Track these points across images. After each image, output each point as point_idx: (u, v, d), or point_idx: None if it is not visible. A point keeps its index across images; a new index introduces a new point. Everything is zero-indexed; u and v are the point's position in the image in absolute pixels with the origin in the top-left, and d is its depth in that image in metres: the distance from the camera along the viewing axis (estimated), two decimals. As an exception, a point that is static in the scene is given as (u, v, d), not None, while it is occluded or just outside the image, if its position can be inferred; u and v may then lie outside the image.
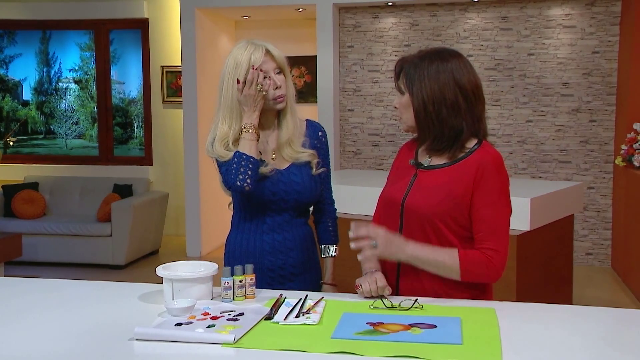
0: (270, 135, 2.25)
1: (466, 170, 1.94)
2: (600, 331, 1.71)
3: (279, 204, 2.19)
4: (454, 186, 1.94)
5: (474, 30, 6.28)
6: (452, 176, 1.96)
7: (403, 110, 2.00)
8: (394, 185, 2.09)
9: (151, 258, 6.59)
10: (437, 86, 1.93)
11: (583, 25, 6.04)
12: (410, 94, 1.96)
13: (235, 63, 2.14)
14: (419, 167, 2.05)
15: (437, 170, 2.00)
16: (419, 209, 1.97)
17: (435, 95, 1.93)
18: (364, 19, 6.52)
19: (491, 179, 1.92)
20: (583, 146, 6.11)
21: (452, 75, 1.93)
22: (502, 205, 1.94)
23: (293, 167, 2.23)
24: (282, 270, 2.19)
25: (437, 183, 1.97)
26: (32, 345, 1.62)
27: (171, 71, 7.32)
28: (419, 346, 1.54)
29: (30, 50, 7.72)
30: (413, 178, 2.04)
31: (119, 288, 2.11)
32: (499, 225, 1.93)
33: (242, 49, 2.15)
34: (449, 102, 1.93)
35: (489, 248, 1.90)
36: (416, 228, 1.98)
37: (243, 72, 2.11)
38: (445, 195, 1.94)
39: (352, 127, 6.61)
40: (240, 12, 6.77)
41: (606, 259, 6.13)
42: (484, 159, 1.93)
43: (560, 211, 3.96)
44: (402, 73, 2.01)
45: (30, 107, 7.79)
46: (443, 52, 1.98)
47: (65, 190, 6.90)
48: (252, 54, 2.13)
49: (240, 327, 1.67)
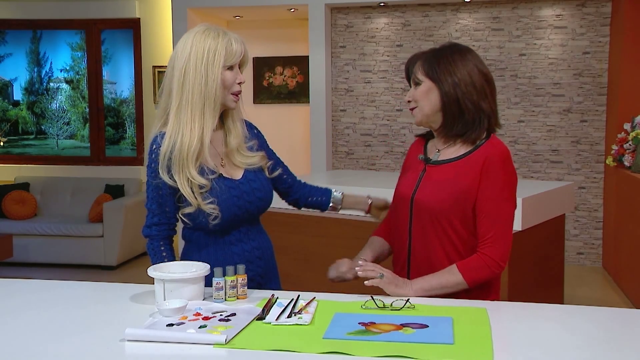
0: (216, 139, 2.07)
1: (473, 164, 1.96)
2: (592, 330, 1.72)
3: (243, 216, 2.07)
4: (461, 180, 1.96)
5: (466, 30, 6.29)
6: (460, 170, 1.98)
7: (422, 98, 2.01)
8: (404, 181, 2.11)
9: (143, 259, 6.58)
10: (465, 71, 1.97)
11: (574, 26, 6.07)
12: (434, 80, 1.98)
13: (206, 50, 1.93)
14: (427, 162, 2.07)
15: (446, 164, 2.02)
16: (427, 204, 1.99)
17: (465, 79, 1.96)
18: (356, 19, 6.53)
19: (495, 173, 1.94)
20: (574, 146, 6.14)
21: (475, 63, 1.98)
22: (504, 200, 1.96)
23: (248, 174, 2.09)
24: (251, 281, 2.06)
25: (445, 177, 1.99)
26: (22, 346, 1.61)
27: (163, 71, 7.27)
28: (410, 346, 1.54)
29: (20, 50, 7.68)
30: (422, 173, 2.06)
31: (111, 289, 2.10)
32: (500, 219, 1.95)
33: (208, 36, 1.95)
34: (478, 87, 1.97)
35: (488, 244, 1.94)
36: (426, 223, 2.00)
37: (221, 60, 1.94)
38: (454, 190, 1.96)
39: (345, 127, 6.61)
40: (232, 12, 6.76)
41: (597, 259, 6.15)
42: (491, 153, 1.96)
43: (551, 211, 3.98)
44: (419, 65, 2.02)
45: (21, 107, 7.75)
46: (459, 45, 2.04)
47: (57, 190, 6.87)
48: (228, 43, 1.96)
49: (232, 328, 1.66)
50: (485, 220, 1.95)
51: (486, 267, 1.94)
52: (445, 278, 1.94)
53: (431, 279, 1.95)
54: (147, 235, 2.10)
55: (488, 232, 1.94)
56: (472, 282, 1.94)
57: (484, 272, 1.94)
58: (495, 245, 1.94)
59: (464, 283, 1.94)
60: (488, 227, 1.95)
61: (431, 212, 1.99)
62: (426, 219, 2.00)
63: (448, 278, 1.94)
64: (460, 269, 1.94)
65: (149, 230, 2.09)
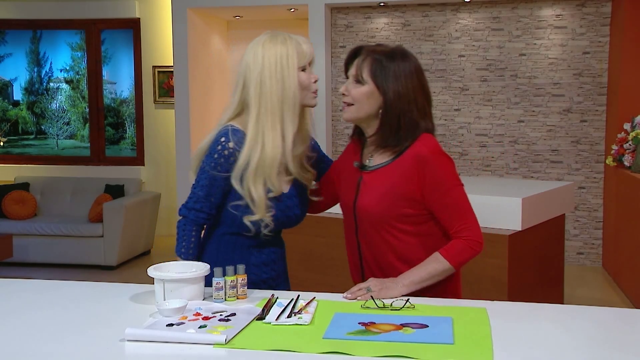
0: None
1: (406, 165, 1.98)
2: (591, 330, 1.72)
3: (282, 227, 2.12)
4: (398, 183, 1.98)
5: (466, 30, 6.29)
6: (394, 173, 2.00)
7: (362, 99, 2.00)
8: (344, 189, 2.12)
9: (143, 259, 6.57)
10: (411, 85, 1.98)
11: (574, 25, 6.07)
12: (379, 86, 1.97)
13: (278, 56, 1.96)
14: (362, 169, 2.07)
15: (381, 169, 2.03)
16: (369, 211, 2.02)
17: (409, 96, 1.97)
18: (356, 19, 6.53)
19: (434, 170, 1.96)
20: (574, 146, 6.14)
21: (419, 78, 2.00)
22: (454, 186, 1.99)
23: (294, 189, 2.10)
24: (264, 284, 2.12)
25: (381, 182, 2.01)
26: (22, 346, 1.61)
27: (163, 71, 7.30)
28: (410, 346, 1.54)
29: (20, 50, 7.68)
30: (359, 180, 2.07)
31: (111, 289, 2.11)
32: (460, 205, 1.99)
33: (277, 42, 1.99)
34: (420, 105, 1.99)
35: (462, 230, 1.97)
36: (370, 228, 2.03)
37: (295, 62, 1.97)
38: (393, 194, 1.99)
39: (345, 127, 6.61)
40: (232, 12, 6.76)
41: (597, 259, 6.15)
42: (420, 151, 1.97)
43: (551, 211, 3.98)
44: (367, 63, 2.00)
45: (21, 107, 7.75)
46: (407, 53, 2.03)
47: (57, 190, 6.87)
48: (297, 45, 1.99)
49: (231, 328, 1.66)
50: (449, 212, 1.98)
51: (469, 248, 1.98)
52: (432, 267, 1.97)
53: (420, 272, 1.97)
54: (184, 215, 2.10)
55: (458, 221, 1.98)
56: (458, 265, 1.99)
57: (468, 253, 1.98)
58: (471, 228, 1.99)
59: (452, 268, 1.98)
60: (455, 217, 1.98)
61: (372, 219, 2.01)
62: (369, 225, 2.03)
63: (435, 267, 1.97)
64: (445, 255, 1.97)
65: (188, 212, 2.09)
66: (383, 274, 2.03)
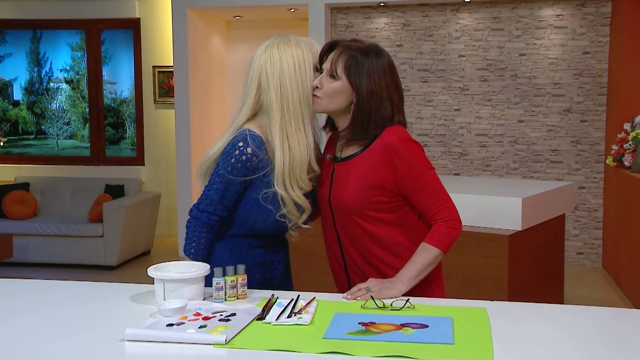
0: None
1: (376, 154, 2.00)
2: (591, 330, 1.72)
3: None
4: (369, 172, 2.00)
5: (466, 30, 6.29)
6: (365, 164, 2.02)
7: (334, 95, 2.00)
8: (320, 182, 2.14)
9: (143, 259, 6.57)
10: (384, 83, 2.00)
11: (574, 25, 6.07)
12: (352, 84, 1.98)
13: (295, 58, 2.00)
14: (335, 161, 2.10)
15: (351, 160, 2.05)
16: (343, 203, 2.04)
17: (382, 94, 1.99)
18: (356, 19, 6.53)
19: (404, 156, 1.98)
20: (574, 146, 6.14)
21: (392, 75, 2.02)
22: (425, 169, 2.01)
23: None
24: (269, 283, 2.14)
25: (354, 174, 2.03)
26: (23, 346, 1.61)
27: (163, 71, 7.30)
28: (410, 346, 1.54)
29: (20, 50, 7.68)
30: (332, 173, 2.09)
31: (111, 289, 2.10)
32: (434, 187, 2.01)
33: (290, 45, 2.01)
34: (395, 101, 2.02)
35: (439, 212, 2.00)
36: (348, 220, 2.05)
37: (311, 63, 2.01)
38: (365, 184, 2.01)
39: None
40: (232, 12, 6.76)
41: (597, 259, 6.15)
42: (389, 140, 1.99)
43: (551, 211, 3.98)
44: (342, 59, 2.00)
45: (21, 107, 7.75)
46: (382, 51, 2.05)
47: (57, 190, 6.86)
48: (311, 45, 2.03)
49: (232, 328, 1.66)
50: (423, 196, 2.00)
51: (452, 229, 2.00)
52: (424, 257, 1.98)
53: (414, 265, 1.98)
54: (195, 216, 2.08)
55: (435, 204, 2.00)
56: (447, 248, 2.00)
57: (452, 234, 2.00)
58: (447, 209, 2.01)
59: (442, 253, 2.00)
60: (430, 200, 2.00)
61: (347, 209, 2.03)
62: (346, 215, 2.05)
63: (427, 256, 1.98)
64: (432, 242, 1.99)
65: (200, 214, 2.07)
66: (366, 263, 2.06)
